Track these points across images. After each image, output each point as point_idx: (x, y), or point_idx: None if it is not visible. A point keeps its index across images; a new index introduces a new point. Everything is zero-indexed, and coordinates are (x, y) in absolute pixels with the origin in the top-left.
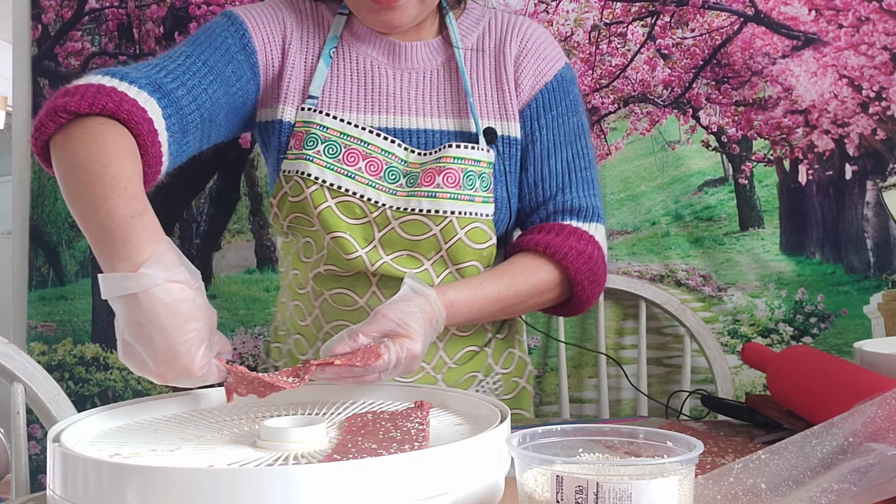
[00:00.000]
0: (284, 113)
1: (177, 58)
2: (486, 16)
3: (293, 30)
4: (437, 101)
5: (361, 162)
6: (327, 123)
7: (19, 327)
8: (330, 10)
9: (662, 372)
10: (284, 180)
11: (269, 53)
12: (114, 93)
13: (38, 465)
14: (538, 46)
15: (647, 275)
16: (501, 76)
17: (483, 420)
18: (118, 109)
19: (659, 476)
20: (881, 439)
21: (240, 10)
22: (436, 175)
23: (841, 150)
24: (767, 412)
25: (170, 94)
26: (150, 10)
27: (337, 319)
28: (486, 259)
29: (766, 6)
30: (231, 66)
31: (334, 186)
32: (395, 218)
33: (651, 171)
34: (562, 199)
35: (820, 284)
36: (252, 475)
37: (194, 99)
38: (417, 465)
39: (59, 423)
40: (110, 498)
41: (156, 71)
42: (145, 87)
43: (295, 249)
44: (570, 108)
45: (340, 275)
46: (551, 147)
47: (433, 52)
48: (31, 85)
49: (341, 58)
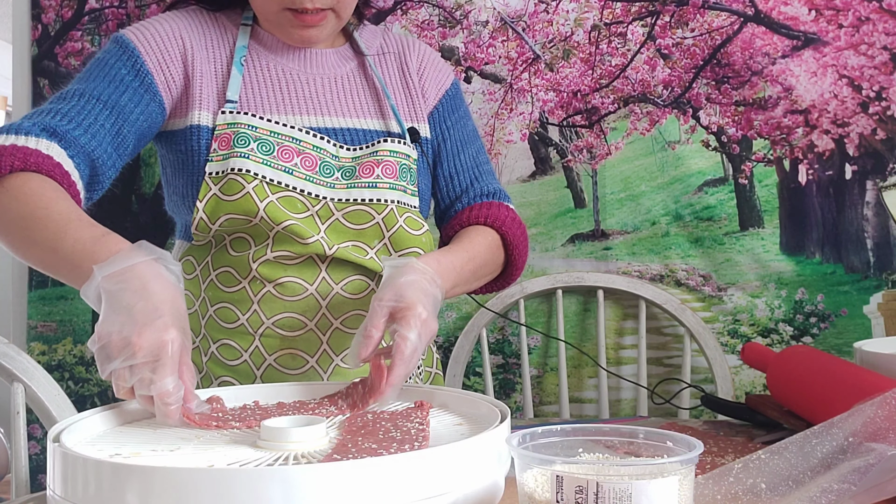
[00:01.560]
0: (200, 118)
1: (70, 98)
2: (379, 32)
3: (194, 40)
4: (354, 102)
5: (296, 158)
6: (255, 123)
7: (19, 327)
8: (231, 21)
9: (662, 372)
10: (212, 182)
11: (167, 70)
12: (15, 150)
13: (38, 465)
14: (434, 61)
15: (647, 275)
16: (408, 83)
17: (483, 420)
18: (26, 164)
19: (659, 476)
20: (881, 439)
21: (131, 32)
22: (374, 167)
23: (841, 150)
24: (767, 412)
25: (66, 135)
26: (150, 10)
27: (281, 312)
28: (425, 245)
29: (766, 6)
30: (126, 94)
31: (274, 182)
32: (339, 209)
33: (651, 171)
34: (478, 186)
35: (820, 284)
36: (252, 475)
37: (93, 136)
38: (417, 465)
39: (59, 423)
40: (110, 498)
41: (50, 117)
42: (41, 134)
43: (216, 249)
44: (465, 112)
45: (288, 263)
46: (459, 145)
47: (343, 59)
48: (31, 85)
49: (252, 65)
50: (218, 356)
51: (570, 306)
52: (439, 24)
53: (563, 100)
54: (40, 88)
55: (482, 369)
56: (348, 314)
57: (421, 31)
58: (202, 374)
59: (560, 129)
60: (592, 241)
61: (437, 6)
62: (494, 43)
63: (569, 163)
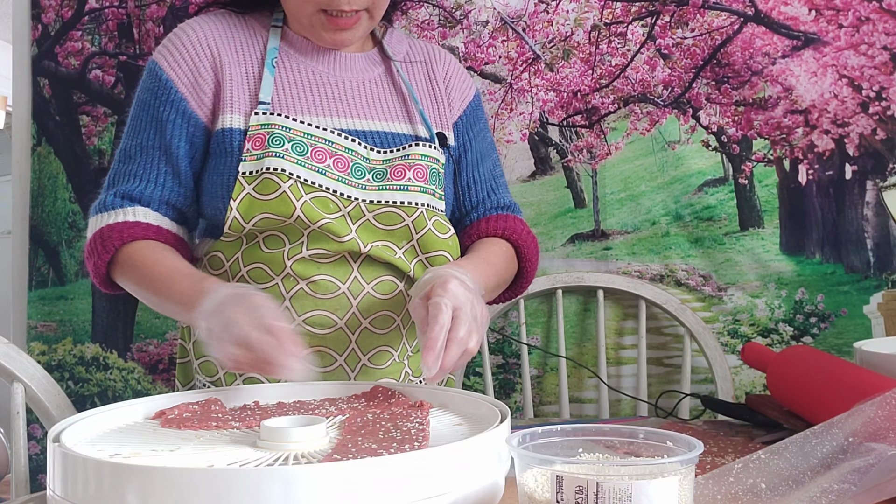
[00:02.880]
0: (232, 121)
1: (133, 157)
2: (405, 38)
3: (222, 45)
4: (383, 106)
5: (329, 159)
6: (289, 125)
7: (19, 327)
8: (260, 23)
9: (662, 372)
10: (246, 181)
11: (198, 88)
12: (111, 229)
13: (38, 465)
14: (459, 70)
15: (647, 275)
16: (435, 90)
17: (483, 420)
18: (123, 238)
19: (659, 476)
20: (881, 439)
21: (162, 58)
22: (406, 170)
23: (841, 150)
24: (767, 412)
25: (142, 195)
26: (150, 10)
27: (312, 310)
28: (452, 249)
29: (766, 6)
30: (168, 131)
31: (308, 182)
32: (370, 210)
33: (651, 171)
34: (495, 199)
35: (820, 284)
36: (252, 475)
37: (162, 185)
38: (417, 465)
39: (59, 423)
40: (110, 498)
41: (124, 183)
42: (124, 203)
43: (247, 246)
44: (486, 124)
45: (322, 261)
46: (479, 156)
47: (371, 63)
48: (31, 85)
49: (283, 67)
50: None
51: (570, 306)
52: (439, 24)
53: (563, 100)
54: (40, 88)
55: (482, 369)
56: (377, 314)
57: (421, 31)
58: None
59: (560, 129)
60: (592, 241)
61: (437, 6)
62: (494, 43)
63: (569, 163)
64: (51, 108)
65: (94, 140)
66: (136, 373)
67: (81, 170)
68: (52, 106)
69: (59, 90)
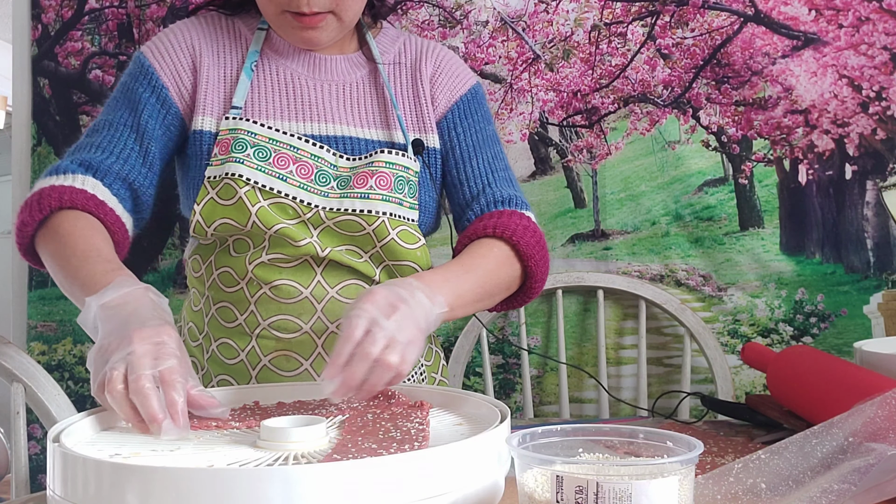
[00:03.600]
0: (203, 123)
1: (101, 130)
2: (400, 37)
3: (205, 47)
4: (361, 111)
5: (292, 165)
6: (255, 130)
7: (19, 327)
8: (247, 26)
9: (662, 372)
10: (210, 186)
11: (179, 81)
12: (52, 190)
13: (38, 465)
14: (450, 67)
15: (647, 275)
16: (419, 92)
17: (483, 420)
18: (61, 201)
19: (659, 476)
20: (881, 439)
21: (148, 48)
22: (368, 178)
23: (841, 150)
24: (767, 412)
25: (100, 165)
26: (150, 9)
27: (276, 314)
28: (420, 260)
29: (766, 6)
30: (145, 112)
31: (266, 188)
32: (329, 218)
33: (651, 171)
34: (490, 193)
35: (820, 284)
36: (252, 475)
37: (125, 161)
38: (417, 465)
39: (59, 423)
40: (110, 498)
41: (85, 151)
42: (77, 170)
43: (219, 249)
44: (484, 117)
45: (283, 266)
46: (471, 150)
47: (354, 66)
48: (31, 85)
49: (262, 70)
50: (217, 355)
51: (570, 306)
52: (439, 24)
53: (563, 100)
54: (40, 88)
55: (482, 369)
56: None
57: (421, 31)
58: (203, 371)
59: (560, 129)
60: (592, 241)
61: (437, 6)
62: (494, 43)
63: (569, 163)
64: (51, 108)
65: None
66: None
67: None
68: (52, 106)
69: (59, 90)
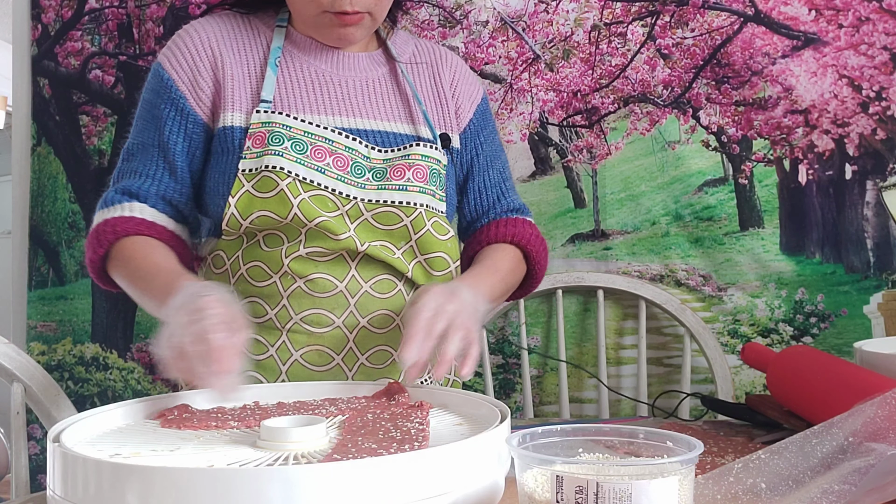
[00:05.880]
0: (234, 119)
1: (135, 155)
2: (411, 39)
3: (224, 46)
4: (385, 106)
5: (329, 158)
6: (289, 123)
7: (19, 327)
8: (264, 23)
9: (662, 372)
10: (246, 179)
11: (197, 87)
12: (106, 224)
13: (38, 465)
14: (466, 73)
15: (647, 275)
16: (440, 93)
17: (483, 420)
18: (116, 233)
19: (659, 476)
20: (881, 439)
21: (165, 58)
22: (405, 170)
23: (841, 150)
24: (767, 412)
25: (139, 191)
26: (150, 9)
27: (309, 308)
28: (451, 251)
29: (766, 6)
30: (167, 128)
31: (306, 180)
32: (368, 210)
33: (651, 171)
34: (505, 202)
35: (820, 284)
36: (252, 475)
37: (159, 181)
38: (417, 465)
39: (59, 423)
40: (110, 498)
41: (126, 179)
42: (122, 199)
43: (247, 245)
44: (494, 126)
45: (319, 260)
46: (489, 160)
47: (375, 63)
48: (31, 85)
49: (286, 66)
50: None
51: (570, 306)
52: (439, 24)
53: (563, 100)
54: (40, 88)
55: (482, 369)
56: (375, 313)
57: (421, 31)
58: None
59: (560, 129)
60: (592, 241)
61: (437, 6)
62: (494, 43)
63: (569, 163)
64: (51, 108)
65: (94, 140)
66: (136, 373)
67: (81, 170)
68: (52, 106)
69: (59, 90)
